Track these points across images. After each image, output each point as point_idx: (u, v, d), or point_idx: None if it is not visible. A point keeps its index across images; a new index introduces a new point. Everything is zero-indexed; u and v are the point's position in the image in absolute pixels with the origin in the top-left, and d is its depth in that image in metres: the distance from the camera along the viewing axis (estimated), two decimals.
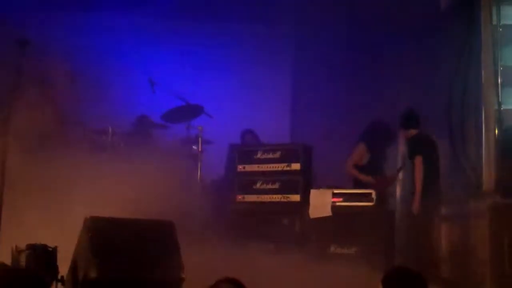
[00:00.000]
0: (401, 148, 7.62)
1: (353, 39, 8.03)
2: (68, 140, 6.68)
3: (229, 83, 8.68)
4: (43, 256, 4.27)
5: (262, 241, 6.69)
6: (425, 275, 5.93)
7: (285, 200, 6.82)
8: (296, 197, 6.78)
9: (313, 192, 6.62)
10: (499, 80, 6.22)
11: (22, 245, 4.29)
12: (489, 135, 6.23)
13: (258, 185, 6.98)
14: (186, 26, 8.69)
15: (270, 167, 6.96)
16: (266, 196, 6.91)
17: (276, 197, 6.86)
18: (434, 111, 7.10)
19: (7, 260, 4.26)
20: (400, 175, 7.36)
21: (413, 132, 6.72)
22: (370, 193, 6.36)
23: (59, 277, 4.31)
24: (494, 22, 6.33)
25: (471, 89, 6.96)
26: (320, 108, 8.44)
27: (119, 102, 7.66)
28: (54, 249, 4.35)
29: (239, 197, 7.02)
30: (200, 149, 7.21)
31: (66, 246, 4.64)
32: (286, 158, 6.92)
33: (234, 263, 5.84)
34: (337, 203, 6.48)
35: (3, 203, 4.30)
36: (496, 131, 6.17)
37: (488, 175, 6.13)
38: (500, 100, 6.19)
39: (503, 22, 6.36)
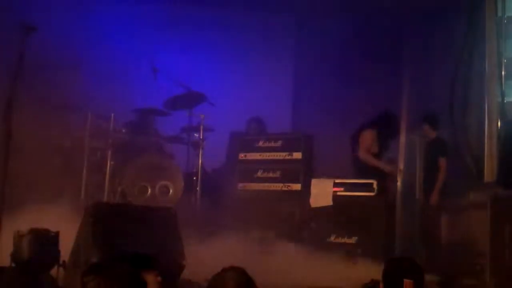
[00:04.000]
0: (402, 140, 7.62)
1: (355, 30, 8.00)
2: (71, 125, 6.70)
3: (231, 71, 8.65)
4: (45, 240, 4.29)
5: (263, 229, 6.70)
6: (424, 265, 6.02)
7: (286, 189, 6.82)
8: (297, 186, 6.78)
9: (314, 182, 6.61)
10: (502, 72, 6.20)
11: (25, 230, 4.30)
12: (491, 127, 6.23)
13: (259, 173, 6.98)
14: (188, 14, 8.66)
15: (271, 156, 6.95)
16: (267, 184, 6.91)
17: (277, 186, 6.86)
18: (436, 103, 7.10)
19: (10, 244, 4.28)
20: (401, 164, 7.36)
21: (434, 133, 6.99)
22: (372, 183, 6.35)
23: (60, 261, 4.33)
24: (499, 14, 6.31)
25: (474, 81, 6.96)
26: (322, 97, 8.43)
27: (122, 88, 7.65)
28: (56, 234, 4.37)
29: (240, 185, 7.02)
30: (201, 137, 7.20)
31: (68, 231, 4.66)
32: (288, 147, 6.91)
33: (235, 252, 5.86)
34: (338, 193, 6.48)
35: (6, 187, 4.28)
36: (499, 123, 6.16)
37: (489, 166, 6.13)
38: (503, 92, 6.18)
39: (507, 14, 6.34)
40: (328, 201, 6.44)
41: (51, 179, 5.87)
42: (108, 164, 6.67)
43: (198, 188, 7.04)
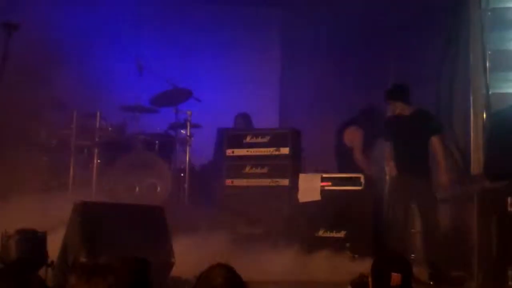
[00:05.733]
0: None
1: (343, 24, 8.01)
2: (56, 124, 6.66)
3: (218, 67, 8.64)
4: (32, 241, 4.26)
5: (251, 225, 6.71)
6: (412, 258, 6.05)
7: (274, 184, 6.83)
8: (285, 182, 6.79)
9: (302, 177, 6.63)
10: (487, 64, 6.23)
11: (11, 231, 4.27)
12: (477, 119, 6.27)
13: (247, 169, 6.97)
14: (173, 10, 8.62)
15: (259, 152, 6.95)
16: (255, 180, 6.90)
17: (265, 182, 6.86)
18: (422, 96, 7.12)
19: None
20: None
21: (409, 107, 6.25)
22: (359, 177, 6.38)
23: (49, 262, 4.30)
24: (483, 6, 6.34)
25: (459, 74, 6.99)
26: (309, 92, 8.44)
27: (108, 86, 7.61)
28: (44, 234, 4.34)
29: (228, 181, 7.01)
30: (188, 134, 7.19)
31: (55, 230, 4.64)
32: (275, 142, 6.91)
33: (223, 248, 5.86)
34: (326, 187, 6.50)
35: None
36: (484, 116, 6.19)
37: (476, 159, 6.17)
38: (488, 84, 6.21)
39: (491, 5, 6.37)
40: (316, 196, 6.46)
41: (37, 178, 5.83)
42: (95, 162, 6.64)
43: (186, 185, 7.04)
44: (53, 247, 4.42)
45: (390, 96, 6.36)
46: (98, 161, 6.67)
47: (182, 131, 7.29)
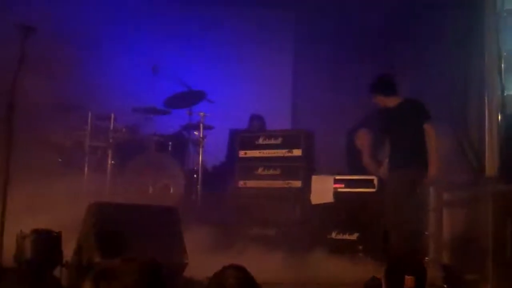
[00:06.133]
0: None
1: (355, 27, 8.00)
2: (71, 125, 6.71)
3: (231, 69, 8.67)
4: (47, 241, 4.29)
5: (264, 226, 6.71)
6: (426, 261, 6.02)
7: (286, 186, 6.83)
8: (297, 183, 6.79)
9: (314, 178, 6.62)
10: (502, 65, 6.19)
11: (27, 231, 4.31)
12: (492, 120, 6.22)
13: (259, 170, 6.98)
14: (188, 12, 8.66)
15: (271, 153, 6.95)
16: (267, 182, 6.91)
17: (278, 183, 6.87)
18: (436, 96, 7.08)
19: (13, 245, 4.28)
20: None
21: (395, 99, 6.01)
22: (372, 180, 6.36)
23: (63, 262, 4.33)
24: (498, 7, 6.30)
25: (473, 74, 6.95)
26: (322, 94, 8.43)
27: (122, 88, 7.65)
28: (58, 234, 4.37)
29: (241, 182, 7.03)
30: (201, 135, 7.21)
31: (70, 231, 4.67)
32: (288, 144, 6.92)
33: (236, 249, 5.88)
34: (339, 189, 6.48)
35: (10, 187, 4.30)
36: (499, 117, 6.15)
37: (491, 160, 6.12)
38: (503, 85, 6.17)
39: (506, 6, 6.33)
40: (329, 198, 6.44)
41: (52, 179, 5.87)
42: (109, 163, 6.68)
43: (198, 186, 7.06)
44: (68, 247, 4.45)
45: (372, 90, 6.07)
46: (112, 162, 6.70)
47: (195, 132, 7.32)
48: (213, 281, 2.82)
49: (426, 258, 6.30)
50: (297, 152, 6.84)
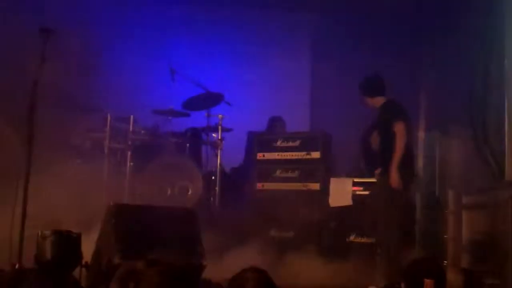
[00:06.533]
0: (421, 138, 7.56)
1: (374, 29, 7.97)
2: (91, 127, 6.76)
3: (249, 71, 8.68)
4: (67, 242, 4.33)
5: (282, 229, 6.71)
6: (444, 265, 5.98)
7: (304, 188, 6.82)
8: (315, 186, 6.78)
9: (333, 181, 6.60)
10: None
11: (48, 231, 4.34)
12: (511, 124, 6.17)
13: (277, 173, 6.98)
14: (206, 14, 8.69)
15: (289, 155, 6.96)
16: (285, 184, 6.91)
17: (296, 186, 6.86)
18: (455, 101, 7.05)
19: (33, 245, 4.33)
20: (420, 162, 7.30)
21: (380, 99, 5.95)
22: None
23: (83, 262, 4.37)
24: None
25: (493, 78, 6.89)
26: (340, 96, 8.40)
27: (141, 90, 7.71)
28: (78, 235, 4.41)
29: (259, 185, 7.04)
30: (220, 137, 7.23)
31: (89, 232, 4.71)
32: (306, 146, 6.91)
33: (254, 252, 5.88)
34: (357, 192, 6.46)
35: (29, 189, 4.34)
36: None
37: (510, 164, 6.07)
38: None
39: None
40: (347, 201, 6.42)
41: (72, 181, 5.92)
42: (128, 164, 6.72)
43: (216, 188, 7.07)
44: (87, 248, 4.49)
45: (359, 91, 6.05)
46: (131, 163, 6.73)
47: (213, 134, 7.34)
48: (233, 284, 2.81)
49: (445, 262, 6.27)
50: (315, 155, 6.84)
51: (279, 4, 8.68)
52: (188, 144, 7.22)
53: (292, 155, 6.94)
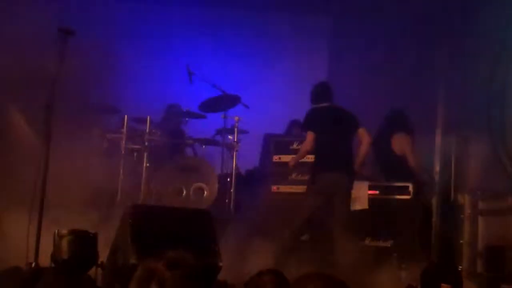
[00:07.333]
0: (438, 142, 7.50)
1: (390, 33, 7.95)
2: (108, 127, 6.80)
3: (266, 73, 8.69)
4: (84, 241, 4.36)
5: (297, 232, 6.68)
6: (460, 270, 5.93)
7: None
8: None
9: None
10: None
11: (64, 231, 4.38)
12: None
13: (293, 176, 6.97)
14: (223, 16, 8.72)
15: (305, 158, 6.93)
16: (301, 187, 6.88)
17: None
18: (472, 106, 7.00)
19: (50, 244, 4.36)
20: (437, 166, 7.25)
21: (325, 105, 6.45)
22: (407, 186, 6.29)
23: (99, 262, 4.39)
24: None
25: (511, 81, 6.84)
26: (356, 100, 8.37)
27: (158, 91, 7.74)
28: (95, 235, 4.44)
29: (274, 187, 7.03)
30: (236, 139, 7.23)
31: (104, 232, 4.74)
32: None
33: (269, 254, 5.88)
34: (373, 196, 6.43)
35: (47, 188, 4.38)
36: None
37: None
38: None
39: None
40: (363, 205, 6.39)
41: (88, 181, 5.95)
42: (144, 165, 6.74)
43: (232, 190, 7.07)
44: (102, 248, 4.51)
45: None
46: (147, 164, 6.76)
47: (229, 136, 7.34)
48: (250, 286, 2.82)
49: (460, 267, 6.23)
50: None
51: (297, 7, 8.69)
52: (204, 146, 7.23)
53: (308, 158, 6.91)
